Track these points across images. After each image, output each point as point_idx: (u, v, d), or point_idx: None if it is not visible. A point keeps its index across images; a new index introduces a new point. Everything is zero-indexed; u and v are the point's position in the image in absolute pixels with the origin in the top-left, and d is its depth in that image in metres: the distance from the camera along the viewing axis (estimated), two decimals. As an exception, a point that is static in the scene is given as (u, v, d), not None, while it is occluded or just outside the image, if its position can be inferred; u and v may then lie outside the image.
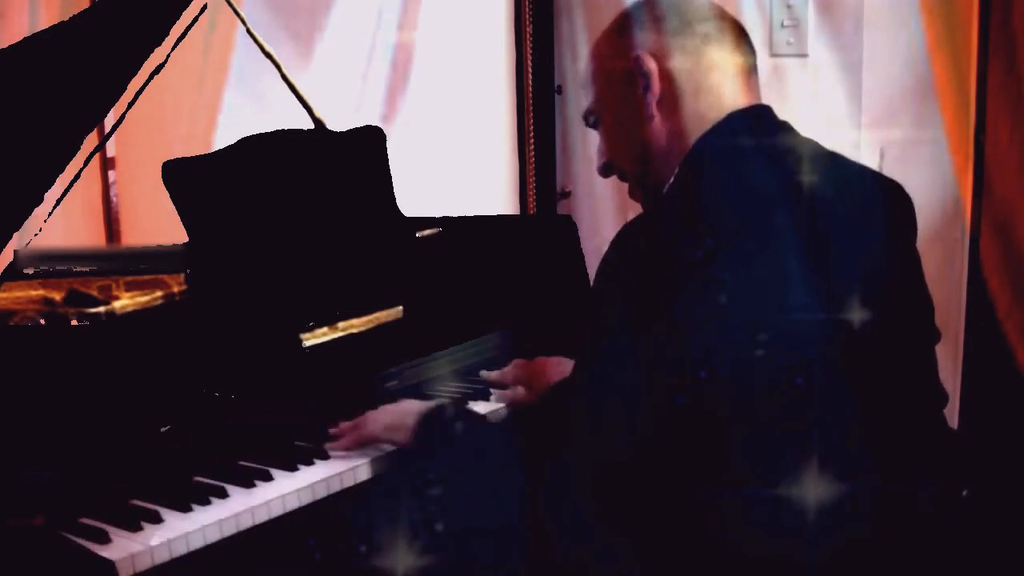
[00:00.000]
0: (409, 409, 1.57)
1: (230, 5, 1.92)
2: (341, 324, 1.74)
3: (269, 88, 2.16)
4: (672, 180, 1.31)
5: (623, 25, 1.37)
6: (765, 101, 1.36)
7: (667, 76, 1.32)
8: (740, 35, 1.37)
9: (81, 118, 1.47)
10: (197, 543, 1.34)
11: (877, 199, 1.34)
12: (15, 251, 1.93)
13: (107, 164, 2.57)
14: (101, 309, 1.57)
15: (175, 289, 1.68)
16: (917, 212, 1.37)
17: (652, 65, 1.32)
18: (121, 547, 1.29)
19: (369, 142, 1.94)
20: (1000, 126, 2.77)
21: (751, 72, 1.37)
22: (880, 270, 1.27)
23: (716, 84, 1.33)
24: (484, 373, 1.87)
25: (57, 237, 2.09)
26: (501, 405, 1.78)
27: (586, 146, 3.34)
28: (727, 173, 1.26)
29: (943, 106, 2.86)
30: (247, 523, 1.40)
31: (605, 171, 1.44)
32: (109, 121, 2.07)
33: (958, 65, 2.83)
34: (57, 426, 1.39)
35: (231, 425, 1.55)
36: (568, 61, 3.44)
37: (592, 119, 1.43)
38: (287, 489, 1.46)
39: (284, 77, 1.99)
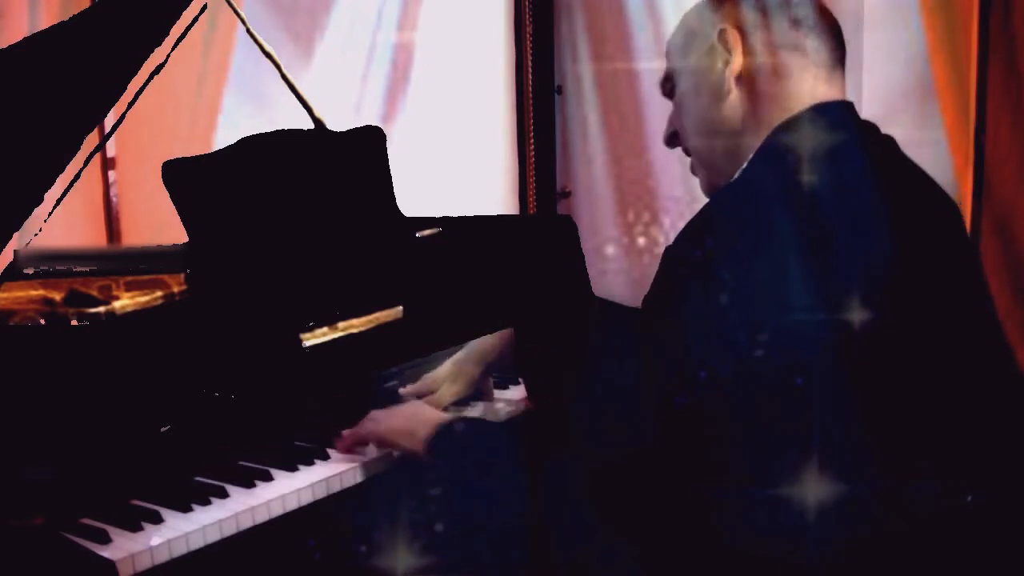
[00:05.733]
0: (421, 416, 1.55)
1: (230, 5, 1.92)
2: (341, 324, 1.74)
3: (269, 88, 2.16)
4: (745, 166, 1.29)
5: None
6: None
7: (750, 54, 1.32)
8: (831, 27, 1.36)
9: (81, 118, 1.47)
10: (197, 543, 1.34)
11: (948, 209, 1.33)
12: (15, 251, 1.93)
13: (107, 164, 2.58)
14: (101, 309, 1.57)
15: (175, 289, 1.67)
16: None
17: (737, 41, 1.32)
18: (121, 547, 1.29)
19: (369, 142, 1.94)
20: (1000, 126, 2.78)
21: (836, 66, 1.35)
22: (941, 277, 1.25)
23: (799, 71, 1.32)
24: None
25: (57, 237, 2.08)
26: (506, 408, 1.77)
27: (586, 146, 3.34)
28: (806, 167, 1.23)
29: (943, 106, 2.86)
30: (247, 523, 1.40)
31: (670, 141, 1.43)
32: (109, 121, 2.07)
33: (958, 65, 2.83)
34: (57, 426, 1.39)
35: (231, 425, 1.55)
36: (568, 61, 3.43)
37: (668, 86, 1.42)
38: (287, 489, 1.46)
39: (284, 77, 1.98)
